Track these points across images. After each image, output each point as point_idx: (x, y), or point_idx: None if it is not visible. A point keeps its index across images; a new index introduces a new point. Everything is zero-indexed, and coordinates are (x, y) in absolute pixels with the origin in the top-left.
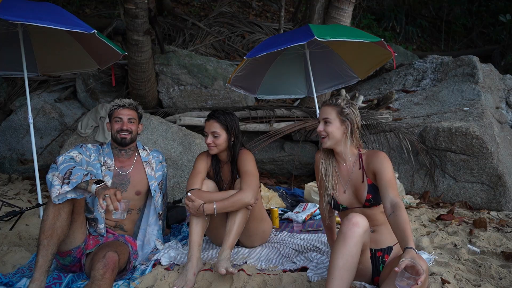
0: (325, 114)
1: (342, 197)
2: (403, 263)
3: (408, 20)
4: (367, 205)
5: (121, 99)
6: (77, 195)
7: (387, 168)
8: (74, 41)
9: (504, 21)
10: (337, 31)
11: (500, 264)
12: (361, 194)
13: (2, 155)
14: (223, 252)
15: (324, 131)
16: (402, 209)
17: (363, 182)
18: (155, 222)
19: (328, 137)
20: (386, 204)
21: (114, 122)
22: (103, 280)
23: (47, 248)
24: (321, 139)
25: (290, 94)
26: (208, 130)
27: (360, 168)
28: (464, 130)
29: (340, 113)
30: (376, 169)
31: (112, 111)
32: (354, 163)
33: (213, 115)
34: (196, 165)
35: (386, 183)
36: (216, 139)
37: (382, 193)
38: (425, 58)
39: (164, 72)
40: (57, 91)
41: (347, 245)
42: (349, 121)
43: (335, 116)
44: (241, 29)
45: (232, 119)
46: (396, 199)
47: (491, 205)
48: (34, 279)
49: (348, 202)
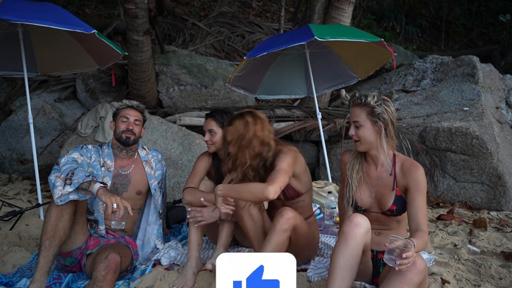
0: (355, 117)
1: (365, 200)
2: (395, 241)
3: (408, 20)
4: (388, 214)
5: (130, 100)
6: (79, 196)
7: (422, 189)
8: (74, 41)
9: (504, 21)
10: (337, 31)
11: (500, 264)
12: (385, 202)
13: (2, 155)
14: (216, 251)
15: (356, 135)
16: (426, 234)
17: (393, 190)
18: (155, 221)
19: (360, 141)
20: (412, 227)
21: (120, 122)
22: (104, 281)
23: (48, 250)
24: (354, 143)
25: (290, 94)
26: (206, 128)
27: (391, 175)
28: (464, 130)
29: (371, 114)
30: (411, 187)
31: (119, 110)
32: (386, 168)
33: (210, 113)
34: (195, 165)
35: (418, 207)
36: (212, 137)
37: (410, 216)
38: (425, 58)
39: (164, 72)
40: (57, 91)
41: (348, 246)
42: (381, 121)
43: (365, 117)
44: (241, 29)
45: None
46: (424, 227)
47: (491, 205)
48: (35, 279)
49: (369, 205)
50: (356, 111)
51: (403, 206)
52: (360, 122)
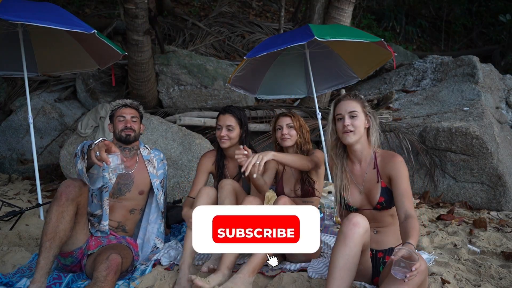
0: (352, 107)
1: (356, 199)
2: (400, 252)
3: (408, 20)
4: (378, 207)
5: (123, 99)
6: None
7: (404, 175)
8: (74, 41)
9: (504, 21)
10: (337, 31)
11: (500, 264)
12: (373, 196)
13: (2, 155)
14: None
15: (351, 125)
16: (415, 219)
17: (378, 183)
18: (155, 220)
19: (354, 131)
20: (401, 214)
21: (117, 122)
22: (105, 282)
23: (49, 251)
24: (343, 133)
25: (290, 94)
26: (223, 123)
27: (375, 168)
28: (464, 130)
29: (363, 107)
30: (393, 175)
31: (114, 111)
32: (369, 163)
33: (228, 109)
34: (199, 167)
35: (402, 192)
36: (230, 133)
37: (397, 203)
38: (425, 58)
39: (164, 72)
40: (57, 91)
41: (347, 246)
42: (370, 116)
43: (360, 109)
44: (241, 29)
45: (245, 115)
46: (411, 211)
47: (491, 205)
48: (35, 280)
49: (360, 203)
50: (352, 103)
51: (390, 197)
52: (357, 112)
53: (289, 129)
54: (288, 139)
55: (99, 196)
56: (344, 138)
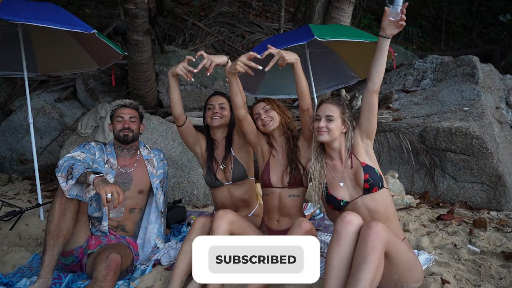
0: (330, 112)
1: (341, 192)
2: None
3: (408, 20)
4: (367, 186)
5: (122, 99)
6: (82, 193)
7: None
8: (74, 41)
9: (504, 21)
10: (337, 31)
11: (500, 264)
12: (358, 177)
13: (2, 155)
14: None
15: (325, 127)
16: None
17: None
18: (156, 220)
19: (328, 132)
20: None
21: (116, 122)
22: (105, 281)
23: (53, 248)
24: (318, 132)
25: (290, 94)
26: (216, 102)
27: (350, 158)
28: (464, 130)
29: (343, 113)
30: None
31: (113, 111)
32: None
33: (219, 91)
34: None
35: None
36: (222, 110)
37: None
38: (425, 58)
39: (164, 72)
40: (57, 91)
41: (341, 244)
42: (347, 123)
43: (338, 114)
44: (241, 29)
45: None
46: None
47: (491, 205)
48: (41, 276)
49: (349, 194)
50: (331, 107)
51: (374, 173)
52: (334, 117)
53: (267, 112)
54: (270, 121)
55: (99, 201)
56: (317, 135)
